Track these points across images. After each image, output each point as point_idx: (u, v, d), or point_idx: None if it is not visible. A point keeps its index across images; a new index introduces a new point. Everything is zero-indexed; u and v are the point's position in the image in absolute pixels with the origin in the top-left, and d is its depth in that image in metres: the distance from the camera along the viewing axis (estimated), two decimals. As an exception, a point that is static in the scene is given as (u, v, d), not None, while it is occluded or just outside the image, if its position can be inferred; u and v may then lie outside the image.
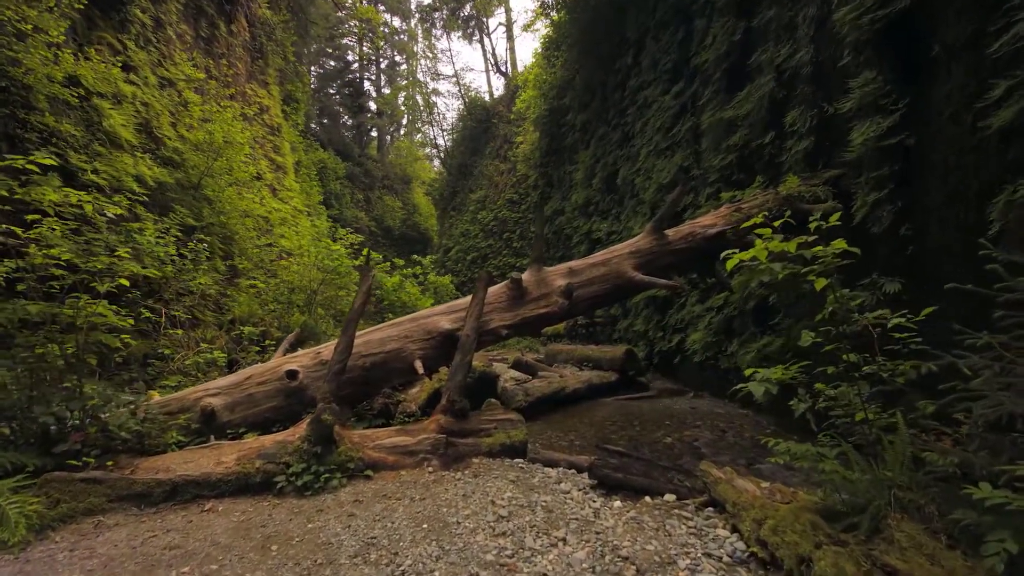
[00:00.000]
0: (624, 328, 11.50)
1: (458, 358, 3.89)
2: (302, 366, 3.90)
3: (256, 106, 15.49)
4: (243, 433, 3.78)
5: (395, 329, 4.12)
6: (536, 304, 4.37)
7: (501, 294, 4.40)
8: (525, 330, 4.44)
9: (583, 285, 4.49)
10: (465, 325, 4.02)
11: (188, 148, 9.97)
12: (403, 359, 4.00)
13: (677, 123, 9.85)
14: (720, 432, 5.52)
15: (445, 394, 3.80)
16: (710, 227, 4.65)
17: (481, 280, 4.05)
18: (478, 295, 4.03)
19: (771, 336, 6.14)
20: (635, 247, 4.66)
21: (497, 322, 4.28)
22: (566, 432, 5.60)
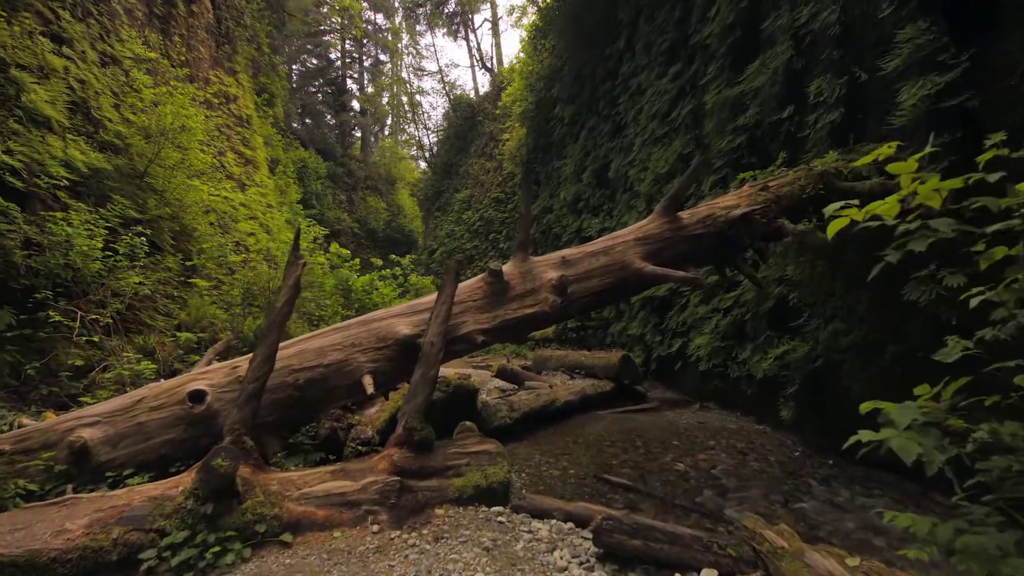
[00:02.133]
0: (618, 332, 10.65)
1: (419, 373, 2.99)
2: (212, 385, 2.95)
3: (221, 94, 14.42)
4: (128, 477, 2.84)
5: (339, 335, 3.20)
6: (521, 302, 3.47)
7: (476, 290, 3.50)
8: (507, 335, 3.54)
9: (580, 278, 3.60)
10: (428, 330, 3.11)
11: (134, 133, 8.93)
12: (348, 374, 3.08)
13: (675, 107, 9.04)
14: (739, 455, 4.65)
15: (401, 420, 2.89)
16: (732, 208, 3.80)
17: (449, 271, 3.14)
18: (445, 291, 3.12)
19: (793, 340, 5.29)
20: (642, 232, 3.79)
21: (471, 325, 3.36)
22: (557, 456, 4.70)
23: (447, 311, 3.12)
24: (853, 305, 4.87)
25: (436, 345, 3.03)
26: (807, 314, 5.19)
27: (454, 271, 3.17)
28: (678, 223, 3.83)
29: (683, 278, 3.40)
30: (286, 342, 3.25)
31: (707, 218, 3.86)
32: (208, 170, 11.07)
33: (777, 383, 5.51)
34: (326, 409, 3.19)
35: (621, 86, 11.95)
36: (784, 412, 5.16)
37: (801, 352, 5.03)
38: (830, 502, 3.58)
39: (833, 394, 4.82)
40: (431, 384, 2.97)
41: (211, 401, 2.88)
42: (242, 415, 2.58)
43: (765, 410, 5.87)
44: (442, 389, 4.66)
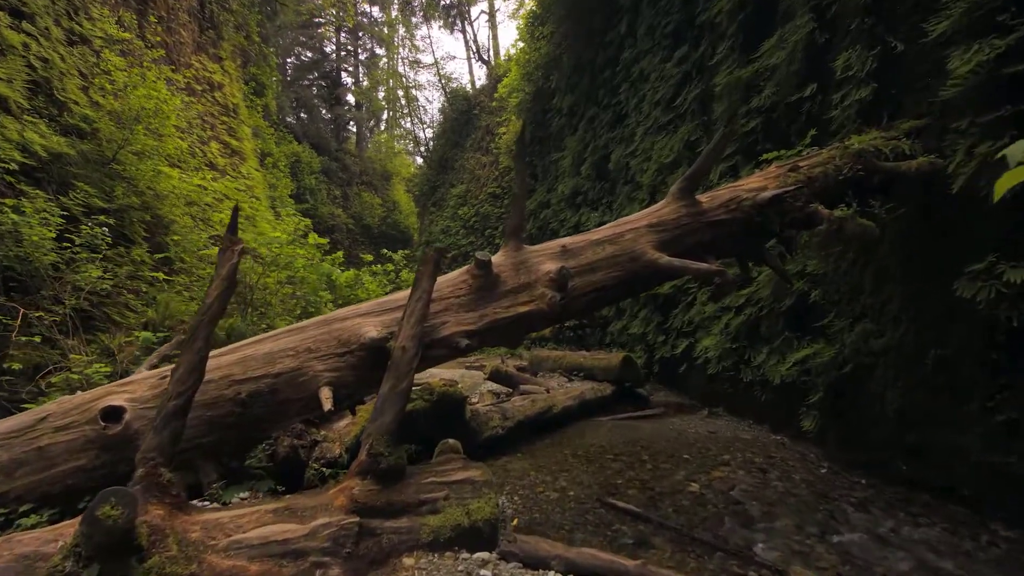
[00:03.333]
0: (618, 331, 10.14)
1: (387, 385, 2.45)
2: (133, 399, 2.40)
3: (204, 81, 13.82)
4: (24, 514, 2.30)
5: (292, 338, 2.66)
6: (513, 299, 2.93)
7: (460, 285, 2.95)
8: (497, 337, 3.00)
9: (583, 271, 3.06)
10: (400, 332, 2.57)
11: (102, 117, 8.34)
12: (302, 386, 2.54)
13: (681, 93, 8.51)
14: (760, 472, 4.13)
15: (365, 444, 2.35)
16: (759, 191, 3.28)
17: (426, 261, 2.60)
18: (420, 285, 2.58)
19: (817, 343, 4.77)
20: (656, 218, 3.25)
21: (453, 326, 2.82)
22: (555, 473, 4.17)
23: (423, 310, 2.58)
24: (884, 303, 4.35)
25: (409, 351, 2.49)
26: (833, 313, 4.66)
27: (432, 261, 2.63)
28: (697, 207, 3.29)
29: (706, 271, 2.86)
30: (228, 347, 2.70)
31: (730, 202, 3.33)
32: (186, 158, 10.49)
33: (797, 390, 5.00)
34: (277, 428, 2.66)
35: (622, 73, 11.42)
36: (806, 422, 4.64)
37: (826, 356, 4.51)
38: (873, 534, 3.06)
39: (863, 404, 4.31)
40: (402, 399, 2.44)
41: (130, 419, 2.34)
42: (158, 441, 2.05)
43: (782, 419, 5.36)
44: (425, 398, 4.13)
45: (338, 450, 3.33)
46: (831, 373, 4.51)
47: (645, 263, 3.04)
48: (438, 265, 2.68)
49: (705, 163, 3.36)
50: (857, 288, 4.61)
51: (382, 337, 2.62)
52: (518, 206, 3.08)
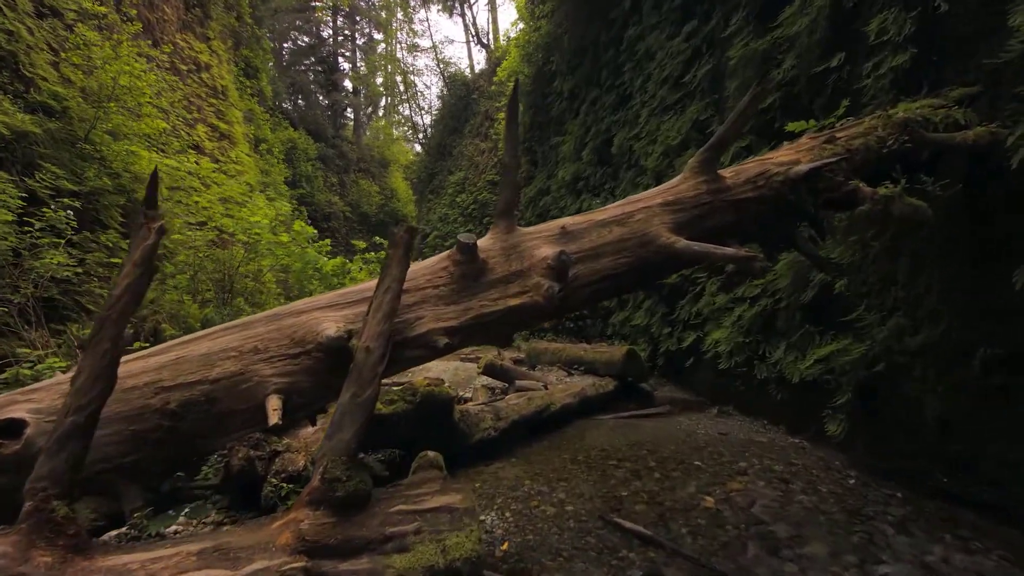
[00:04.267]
0: (620, 322, 9.69)
1: (347, 394, 2.01)
2: (39, 410, 1.96)
3: (191, 60, 13.27)
4: None
5: (235, 336, 2.21)
6: (503, 289, 2.49)
7: (439, 273, 2.50)
8: (484, 334, 2.55)
9: (586, 257, 2.61)
10: (363, 330, 2.12)
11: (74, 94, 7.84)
12: (246, 394, 2.09)
13: (690, 70, 7.99)
14: (781, 483, 3.71)
15: (318, 467, 1.92)
16: (791, 165, 2.82)
17: (396, 244, 2.14)
18: (389, 272, 2.12)
19: (843, 339, 4.33)
20: (672, 195, 2.79)
21: (430, 322, 2.37)
22: (552, 483, 3.75)
23: (392, 303, 2.14)
24: (921, 296, 3.91)
25: (374, 353, 2.05)
26: (862, 307, 4.21)
27: (403, 244, 2.17)
28: (719, 184, 2.83)
29: (733, 257, 2.40)
30: (160, 346, 2.26)
31: (758, 177, 2.86)
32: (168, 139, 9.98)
33: (818, 389, 4.57)
34: (217, 444, 2.22)
35: (627, 52, 10.87)
36: (831, 426, 4.21)
37: (855, 354, 4.07)
38: (921, 563, 2.64)
39: (897, 407, 3.88)
40: (366, 410, 2.00)
41: (33, 435, 1.91)
42: (52, 467, 1.62)
43: (801, 420, 4.94)
44: (407, 399, 3.70)
45: (302, 462, 2.90)
46: (860, 372, 4.07)
47: (658, 247, 2.59)
48: (410, 248, 2.23)
49: (731, 130, 2.89)
50: (889, 278, 4.16)
51: (341, 335, 2.17)
52: (510, 180, 2.62)
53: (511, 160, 2.62)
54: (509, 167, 2.62)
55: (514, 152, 2.62)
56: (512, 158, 2.62)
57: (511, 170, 2.62)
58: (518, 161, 2.71)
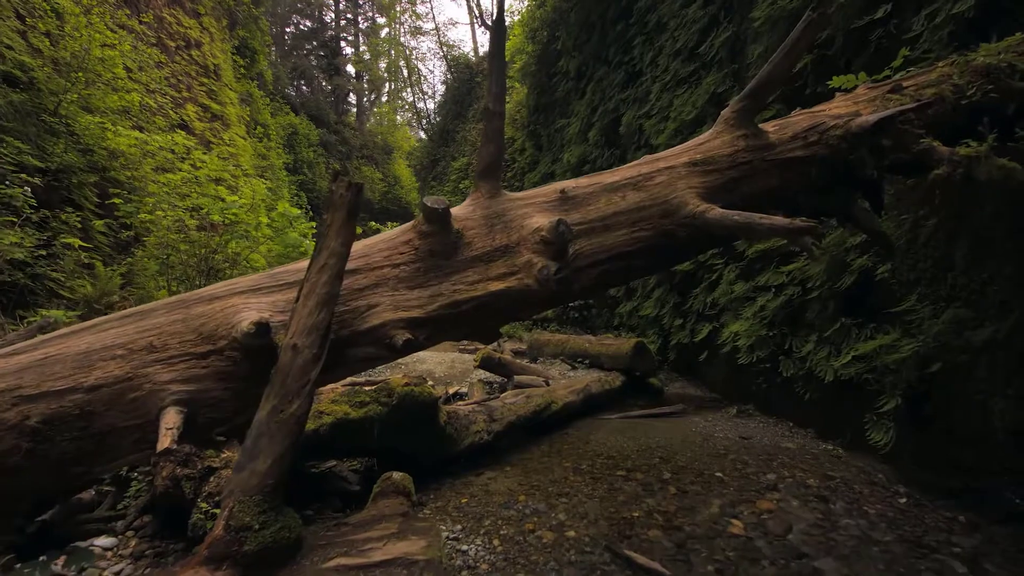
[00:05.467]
0: (627, 312, 9.14)
1: (265, 410, 1.47)
2: None
3: (180, 36, 12.68)
4: None
5: (128, 327, 1.67)
6: (484, 270, 1.94)
7: (400, 248, 1.95)
8: (458, 327, 2.00)
9: (592, 229, 2.06)
10: (290, 323, 1.58)
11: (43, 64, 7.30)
12: (136, 405, 1.56)
13: (706, 39, 7.35)
14: (820, 502, 3.16)
15: (223, 510, 1.39)
16: (851, 117, 2.24)
17: (337, 203, 1.58)
18: (327, 244, 1.56)
19: (889, 333, 3.75)
20: (700, 153, 2.23)
21: (387, 311, 1.82)
22: (551, 500, 3.22)
23: (330, 285, 1.58)
24: (986, 283, 3.32)
25: (304, 352, 1.51)
26: (914, 296, 3.62)
27: (345, 205, 1.60)
28: (761, 139, 2.26)
29: (787, 229, 1.82)
30: (26, 342, 1.72)
31: (809, 131, 2.28)
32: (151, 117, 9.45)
33: (857, 390, 4.02)
34: (100, 472, 1.69)
35: (636, 26, 10.21)
36: (876, 434, 3.65)
37: (905, 351, 3.49)
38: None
39: (956, 414, 3.31)
40: (291, 431, 1.47)
41: None
42: None
43: (833, 424, 4.39)
44: (381, 401, 3.16)
45: (244, 481, 2.40)
46: (910, 372, 3.50)
47: (685, 218, 2.02)
48: (356, 210, 1.68)
49: (777, 71, 2.30)
50: (944, 263, 3.57)
51: (258, 329, 1.62)
52: (494, 129, 2.05)
53: (496, 104, 2.06)
54: (494, 113, 2.06)
55: (500, 93, 2.06)
56: (497, 102, 2.06)
57: (496, 117, 2.05)
58: (503, 105, 2.13)
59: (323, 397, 2.95)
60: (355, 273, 1.81)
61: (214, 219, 5.97)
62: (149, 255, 6.35)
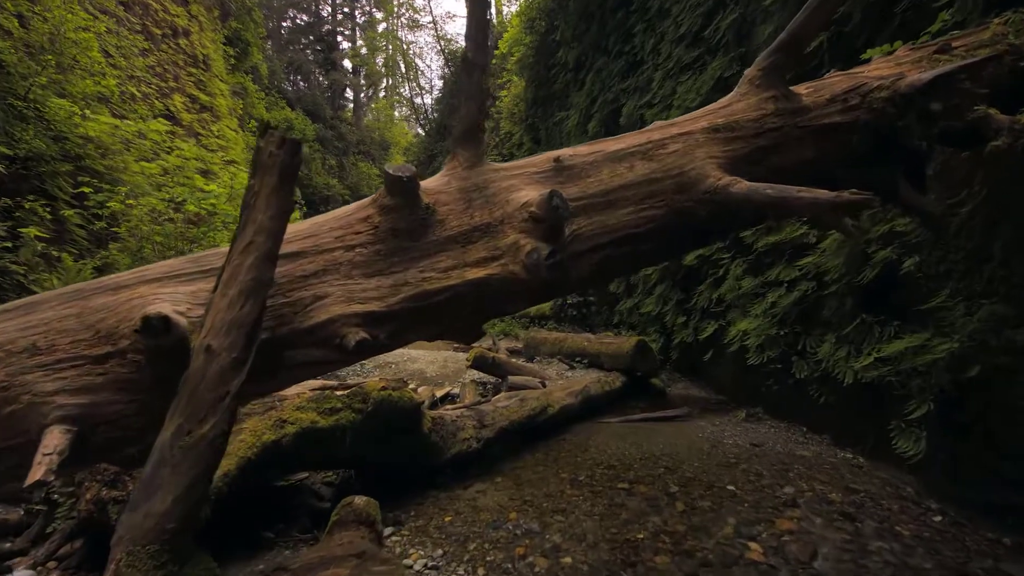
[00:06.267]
0: (627, 310, 8.80)
1: (169, 429, 1.14)
2: None
3: (167, 24, 12.30)
4: None
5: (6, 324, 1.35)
6: (461, 252, 1.60)
7: (356, 225, 1.60)
8: (429, 323, 1.65)
9: (592, 205, 1.72)
10: (208, 313, 1.25)
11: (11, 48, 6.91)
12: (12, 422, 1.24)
13: (711, 22, 6.99)
14: (846, 521, 2.83)
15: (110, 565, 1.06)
16: (896, 79, 1.91)
17: (266, 164, 1.25)
18: (254, 216, 1.18)
19: (919, 332, 3.41)
20: (721, 117, 1.89)
21: (339, 304, 1.47)
22: (545, 517, 2.88)
23: (258, 269, 1.23)
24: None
25: (221, 356, 1.16)
26: (946, 291, 3.28)
27: (278, 166, 1.25)
28: (793, 102, 1.92)
29: (832, 202, 1.46)
30: None
31: (850, 94, 1.94)
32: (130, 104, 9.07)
33: (877, 394, 3.69)
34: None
35: (637, 13, 9.88)
36: (904, 443, 3.32)
37: (938, 351, 3.15)
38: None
39: (995, 422, 2.98)
40: (203, 458, 1.11)
41: None
42: None
43: (851, 430, 4.06)
44: (355, 407, 2.82)
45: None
46: (943, 375, 3.17)
47: (704, 193, 1.68)
48: (293, 175, 1.33)
49: (812, 20, 1.96)
50: (979, 254, 3.24)
51: (156, 324, 1.27)
52: (474, 86, 1.70)
53: (477, 54, 1.70)
54: (473, 65, 1.70)
55: (481, 40, 1.71)
56: (478, 51, 1.70)
57: (476, 69, 1.70)
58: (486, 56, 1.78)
59: (287, 403, 2.61)
60: (298, 257, 1.48)
61: (189, 209, 5.61)
62: (123, 248, 5.99)
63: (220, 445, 1.19)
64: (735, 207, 1.71)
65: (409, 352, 8.13)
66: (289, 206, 1.35)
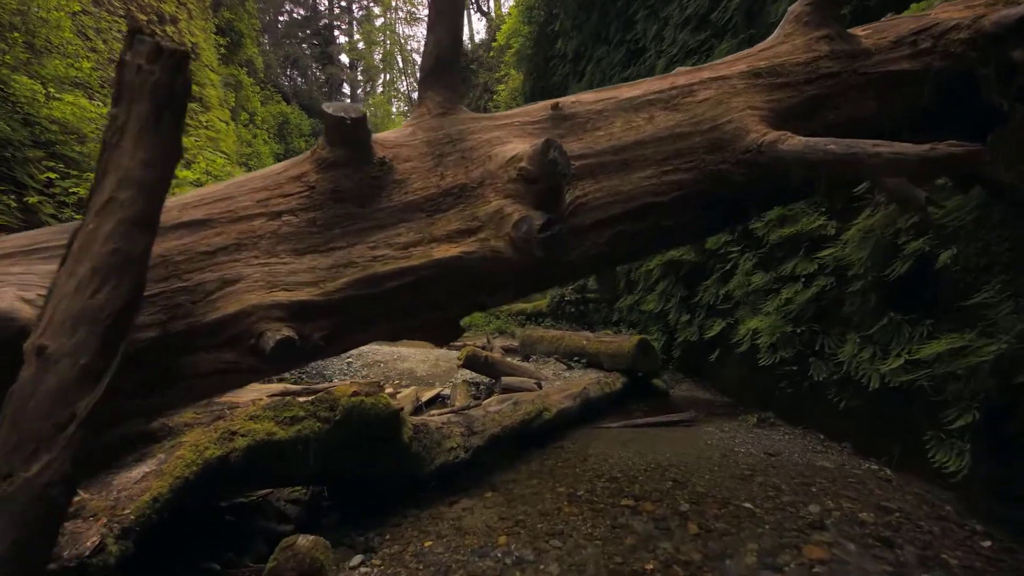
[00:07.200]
0: (628, 307, 8.45)
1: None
2: None
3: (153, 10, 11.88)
4: None
5: None
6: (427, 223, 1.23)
7: (286, 186, 1.23)
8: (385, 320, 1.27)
9: (601, 167, 1.35)
10: (49, 299, 0.88)
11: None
12: None
13: (719, 4, 6.63)
14: (883, 547, 2.48)
15: None
16: (976, 18, 1.56)
17: (133, 86, 0.92)
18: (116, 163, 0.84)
19: (960, 333, 3.05)
20: (763, 60, 1.53)
21: (256, 290, 1.10)
22: (538, 542, 2.52)
23: (122, 237, 0.83)
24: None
25: (62, 363, 0.76)
26: (994, 286, 2.93)
27: (149, 89, 0.87)
28: (851, 44, 1.54)
29: (922, 156, 1.10)
30: None
31: (919, 35, 1.56)
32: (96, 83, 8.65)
33: (906, 399, 3.34)
34: None
35: (639, 0, 9.52)
36: (943, 456, 2.97)
37: (985, 354, 2.80)
38: None
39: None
40: (36, 509, 0.74)
41: None
42: None
43: (875, 438, 3.72)
44: (321, 416, 2.45)
45: (96, 535, 1.69)
46: (988, 381, 2.82)
47: (745, 153, 1.30)
48: (176, 106, 0.97)
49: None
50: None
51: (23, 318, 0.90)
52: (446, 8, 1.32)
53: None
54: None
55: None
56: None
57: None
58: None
59: (238, 412, 2.24)
60: (202, 227, 1.11)
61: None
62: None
63: (59, 497, 0.82)
64: (784, 169, 1.33)
65: (400, 350, 7.76)
66: (173, 150, 0.98)
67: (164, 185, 1.00)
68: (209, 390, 1.22)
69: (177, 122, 0.98)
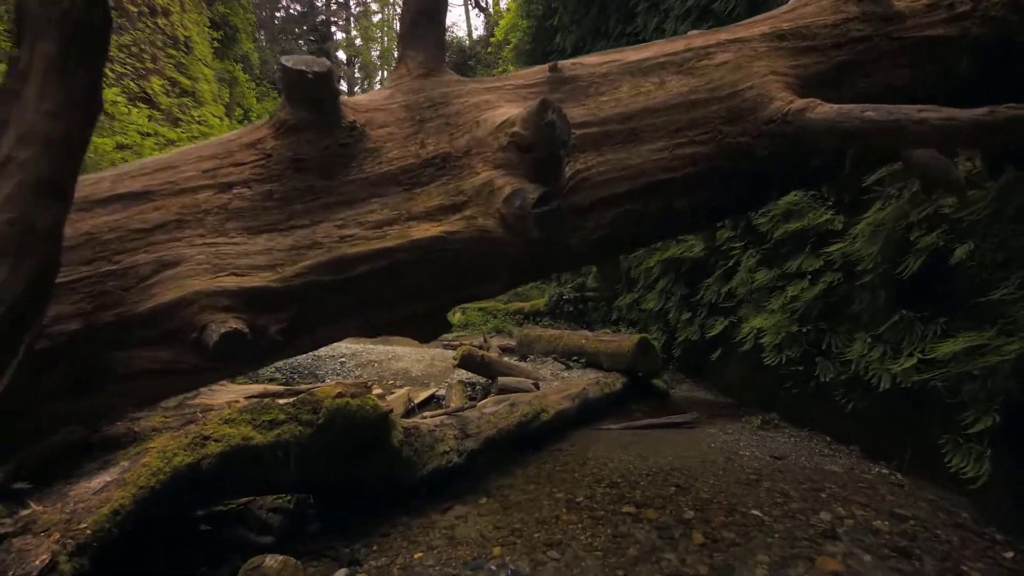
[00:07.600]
0: (627, 305, 8.31)
1: None
2: None
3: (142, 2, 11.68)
4: None
5: None
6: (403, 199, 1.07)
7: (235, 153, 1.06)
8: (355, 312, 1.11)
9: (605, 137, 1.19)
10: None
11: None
12: None
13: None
14: (902, 559, 2.34)
15: None
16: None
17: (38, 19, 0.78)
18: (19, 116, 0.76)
19: (977, 331, 2.91)
20: (787, 22, 1.39)
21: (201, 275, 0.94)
22: (536, 554, 2.38)
23: (24, 205, 0.72)
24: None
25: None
26: (1015, 282, 2.78)
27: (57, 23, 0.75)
28: (883, 5, 1.39)
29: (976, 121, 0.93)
30: None
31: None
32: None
33: (921, 401, 3.20)
34: None
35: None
36: (960, 460, 2.83)
37: (1006, 352, 2.65)
38: None
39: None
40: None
41: None
42: None
43: (885, 441, 3.58)
44: (303, 419, 2.29)
45: (47, 553, 1.53)
46: (1008, 381, 2.67)
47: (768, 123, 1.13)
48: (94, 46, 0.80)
49: None
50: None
51: None
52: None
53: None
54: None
55: None
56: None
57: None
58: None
59: (212, 415, 2.08)
60: (138, 200, 0.95)
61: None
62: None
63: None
64: (811, 142, 1.17)
65: (394, 350, 7.59)
66: (90, 100, 0.81)
67: (78, 143, 0.83)
68: (149, 392, 1.05)
69: (95, 64, 0.81)
